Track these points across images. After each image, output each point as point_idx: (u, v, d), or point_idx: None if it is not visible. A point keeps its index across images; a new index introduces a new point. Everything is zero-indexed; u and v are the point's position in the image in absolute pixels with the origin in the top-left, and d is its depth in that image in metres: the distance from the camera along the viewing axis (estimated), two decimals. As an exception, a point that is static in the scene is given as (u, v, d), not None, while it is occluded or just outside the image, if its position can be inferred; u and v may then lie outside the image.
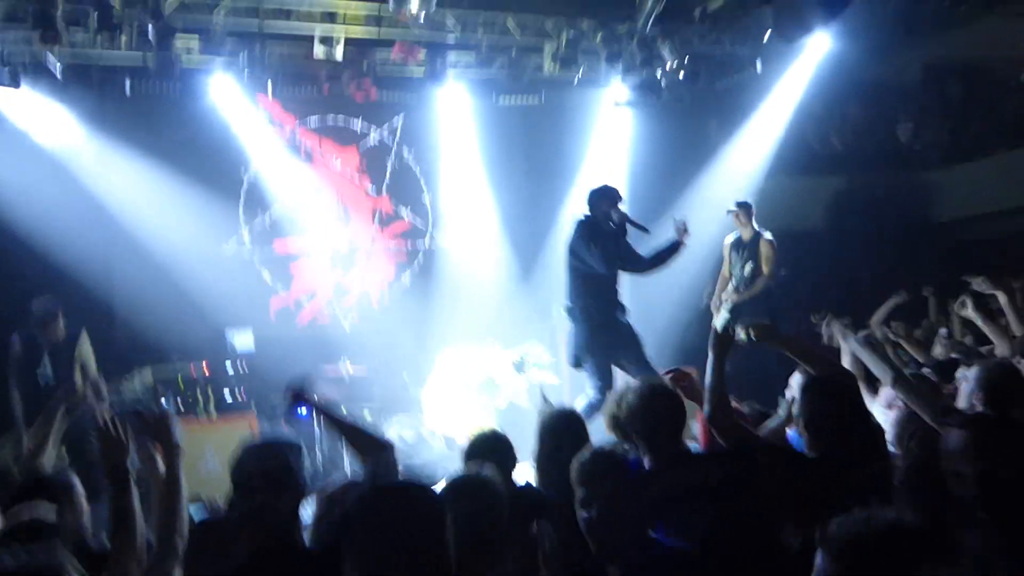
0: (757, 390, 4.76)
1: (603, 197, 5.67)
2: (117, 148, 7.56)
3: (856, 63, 8.48)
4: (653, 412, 2.89)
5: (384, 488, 2.11)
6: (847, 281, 9.01)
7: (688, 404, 3.07)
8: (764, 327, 3.29)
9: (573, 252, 5.63)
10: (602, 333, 5.58)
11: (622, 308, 5.76)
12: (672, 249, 5.61)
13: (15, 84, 6.70)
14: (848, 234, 9.67)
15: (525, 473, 3.31)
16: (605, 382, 5.49)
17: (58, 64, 6.76)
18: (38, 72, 6.85)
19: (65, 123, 7.36)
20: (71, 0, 5.91)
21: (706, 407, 2.97)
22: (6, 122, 7.09)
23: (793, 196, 9.22)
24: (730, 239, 7.34)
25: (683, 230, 5.55)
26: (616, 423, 3.27)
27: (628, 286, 6.01)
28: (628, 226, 5.63)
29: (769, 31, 7.13)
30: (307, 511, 2.58)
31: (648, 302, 7.13)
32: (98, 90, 7.25)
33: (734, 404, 3.85)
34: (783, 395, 3.92)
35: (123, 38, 6.49)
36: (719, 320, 7.16)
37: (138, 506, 2.37)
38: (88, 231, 7.29)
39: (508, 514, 2.42)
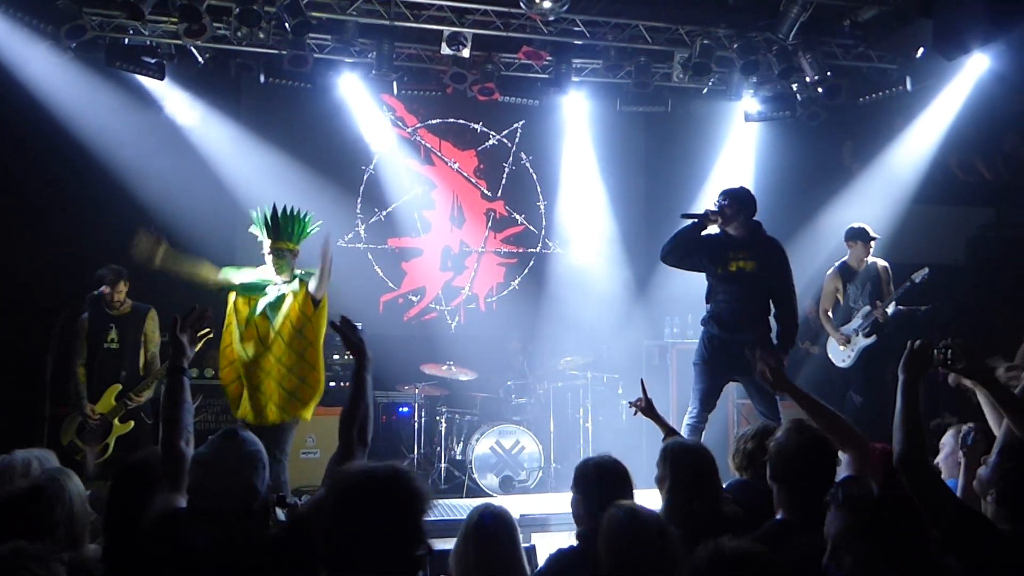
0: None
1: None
2: (247, 135, 7.84)
3: (1016, 88, 7.79)
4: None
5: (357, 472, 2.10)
6: (982, 320, 8.31)
7: None
8: (968, 348, 2.61)
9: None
10: None
11: None
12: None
13: (160, 76, 7.07)
14: (990, 271, 8.92)
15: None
16: None
17: (199, 55, 7.07)
18: (181, 62, 7.17)
19: (201, 108, 7.67)
20: (215, -5, 6.11)
21: (897, 445, 2.44)
22: (146, 104, 7.43)
23: (934, 227, 8.59)
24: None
25: None
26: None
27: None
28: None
29: (923, 48, 6.61)
30: None
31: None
32: (235, 79, 7.51)
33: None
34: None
35: (260, 34, 6.69)
36: (855, 345, 6.64)
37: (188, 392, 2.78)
38: (214, 215, 7.55)
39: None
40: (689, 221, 5.13)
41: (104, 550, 2.63)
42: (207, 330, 2.84)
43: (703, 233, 5.14)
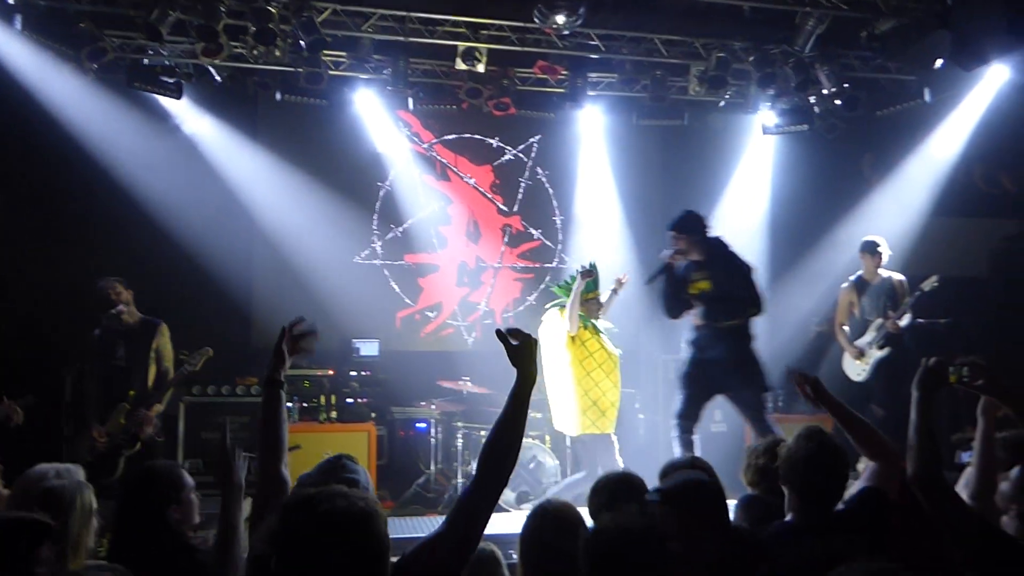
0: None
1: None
2: (264, 152, 7.92)
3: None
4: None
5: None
6: (1005, 333, 8.16)
7: None
8: (983, 367, 2.54)
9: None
10: None
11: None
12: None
13: (178, 96, 7.13)
14: (1015, 283, 8.78)
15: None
16: None
17: (216, 74, 7.14)
18: (199, 81, 7.25)
19: (218, 126, 7.75)
20: (232, 14, 6.15)
21: (912, 462, 2.40)
22: (165, 123, 7.51)
23: (956, 239, 8.48)
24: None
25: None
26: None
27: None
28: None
29: (941, 59, 6.53)
30: None
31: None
32: (252, 97, 7.58)
33: None
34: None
35: (276, 52, 6.75)
36: (870, 359, 6.56)
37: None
38: (233, 235, 7.62)
39: None
40: (657, 277, 5.37)
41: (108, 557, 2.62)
42: (309, 349, 2.62)
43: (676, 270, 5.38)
